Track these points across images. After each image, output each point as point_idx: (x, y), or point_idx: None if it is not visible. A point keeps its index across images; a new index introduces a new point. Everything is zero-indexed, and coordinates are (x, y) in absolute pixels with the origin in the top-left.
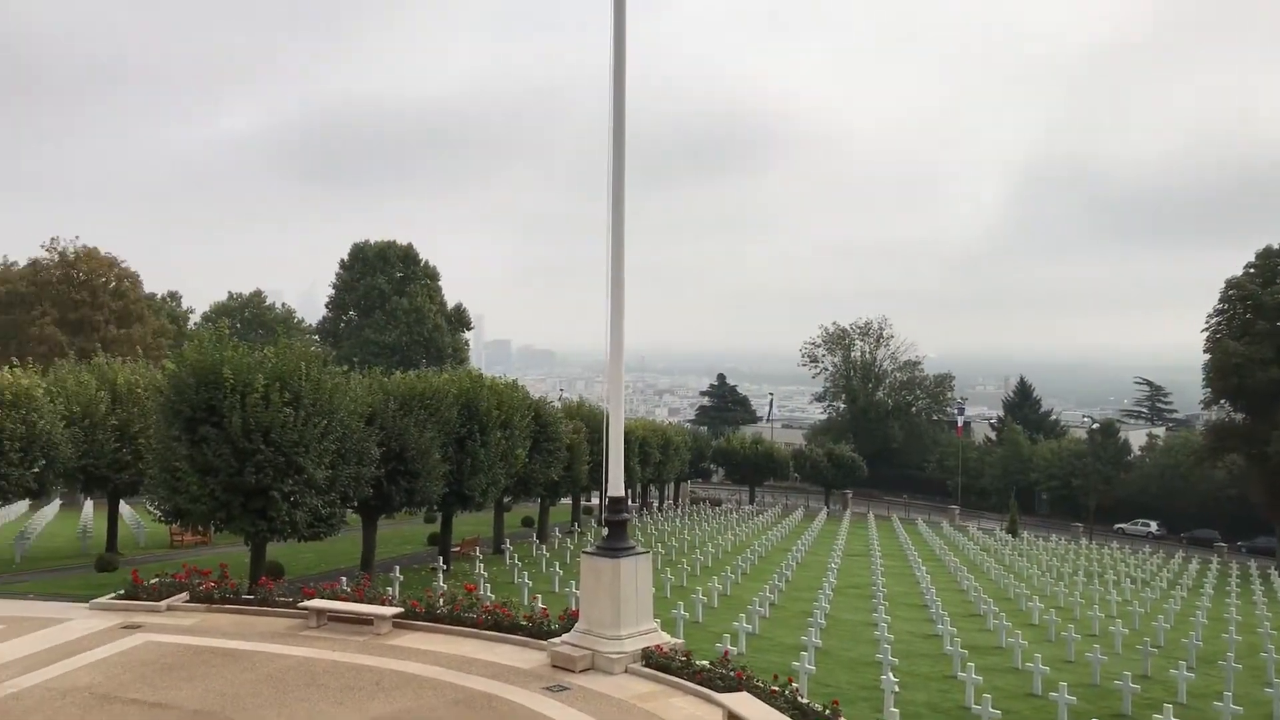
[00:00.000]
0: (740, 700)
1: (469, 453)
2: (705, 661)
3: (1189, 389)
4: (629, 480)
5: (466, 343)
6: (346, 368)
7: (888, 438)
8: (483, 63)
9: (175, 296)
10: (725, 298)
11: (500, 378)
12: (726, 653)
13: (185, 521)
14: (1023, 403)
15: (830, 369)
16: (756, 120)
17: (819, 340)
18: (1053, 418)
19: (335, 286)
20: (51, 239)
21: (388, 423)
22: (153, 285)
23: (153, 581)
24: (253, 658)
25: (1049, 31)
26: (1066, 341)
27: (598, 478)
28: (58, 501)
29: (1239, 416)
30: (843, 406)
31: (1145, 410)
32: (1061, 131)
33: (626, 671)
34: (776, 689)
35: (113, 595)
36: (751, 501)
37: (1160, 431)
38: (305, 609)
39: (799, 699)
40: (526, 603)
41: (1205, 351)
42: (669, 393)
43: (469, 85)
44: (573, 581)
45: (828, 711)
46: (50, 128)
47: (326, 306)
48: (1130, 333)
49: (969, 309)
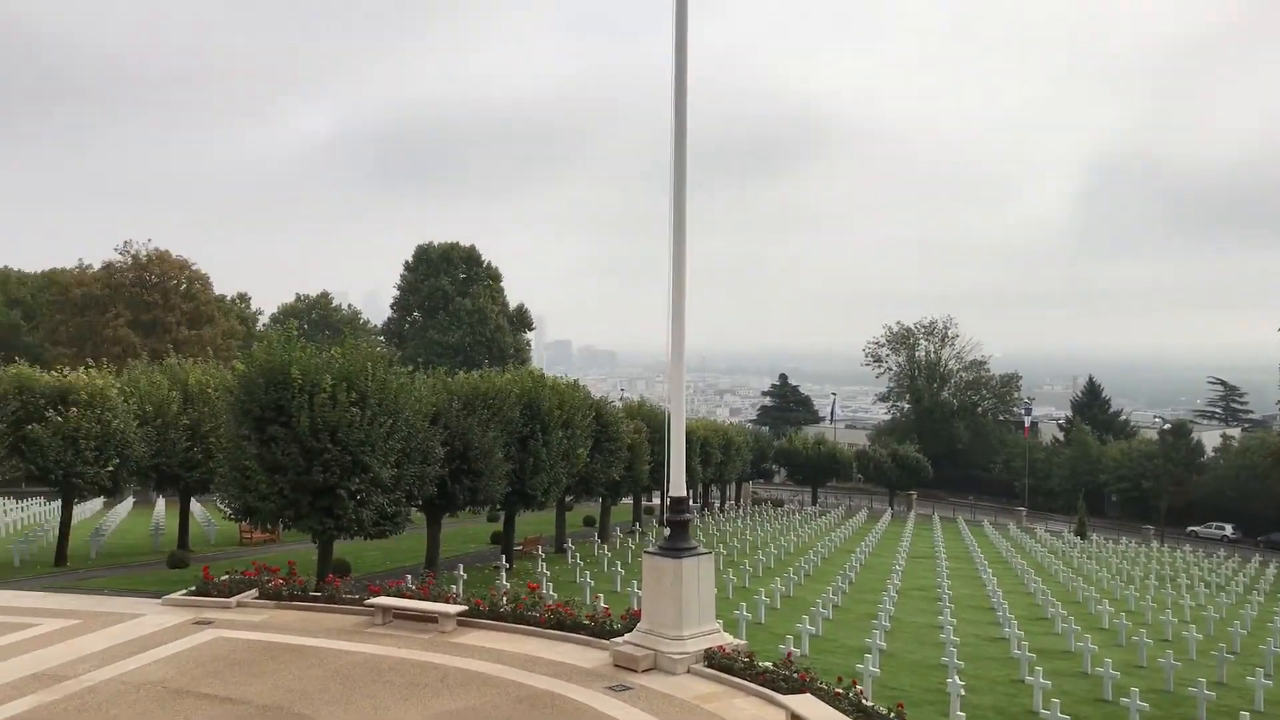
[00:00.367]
0: (804, 702)
1: (531, 452)
2: (768, 663)
3: (1265, 389)
4: (690, 480)
5: (528, 343)
6: (411, 368)
7: (953, 438)
8: (548, 64)
9: (244, 298)
10: (788, 297)
11: (561, 378)
12: (789, 654)
13: (254, 519)
14: (1091, 403)
15: (894, 369)
16: (823, 118)
17: (883, 340)
18: (1122, 418)
19: (400, 288)
20: (125, 242)
21: (451, 422)
22: (222, 287)
23: (223, 578)
24: (320, 654)
25: (1127, 24)
26: (1136, 340)
27: (659, 478)
28: (131, 499)
29: None
30: (907, 407)
31: (1219, 410)
32: (1134, 127)
33: (689, 672)
34: (840, 691)
35: (184, 591)
36: (814, 502)
37: (1235, 432)
38: (371, 606)
39: (863, 701)
40: (588, 602)
41: None
42: (730, 393)
43: (535, 86)
44: (634, 581)
45: (892, 715)
46: (123, 133)
47: (391, 307)
48: (1202, 331)
49: (1036, 308)
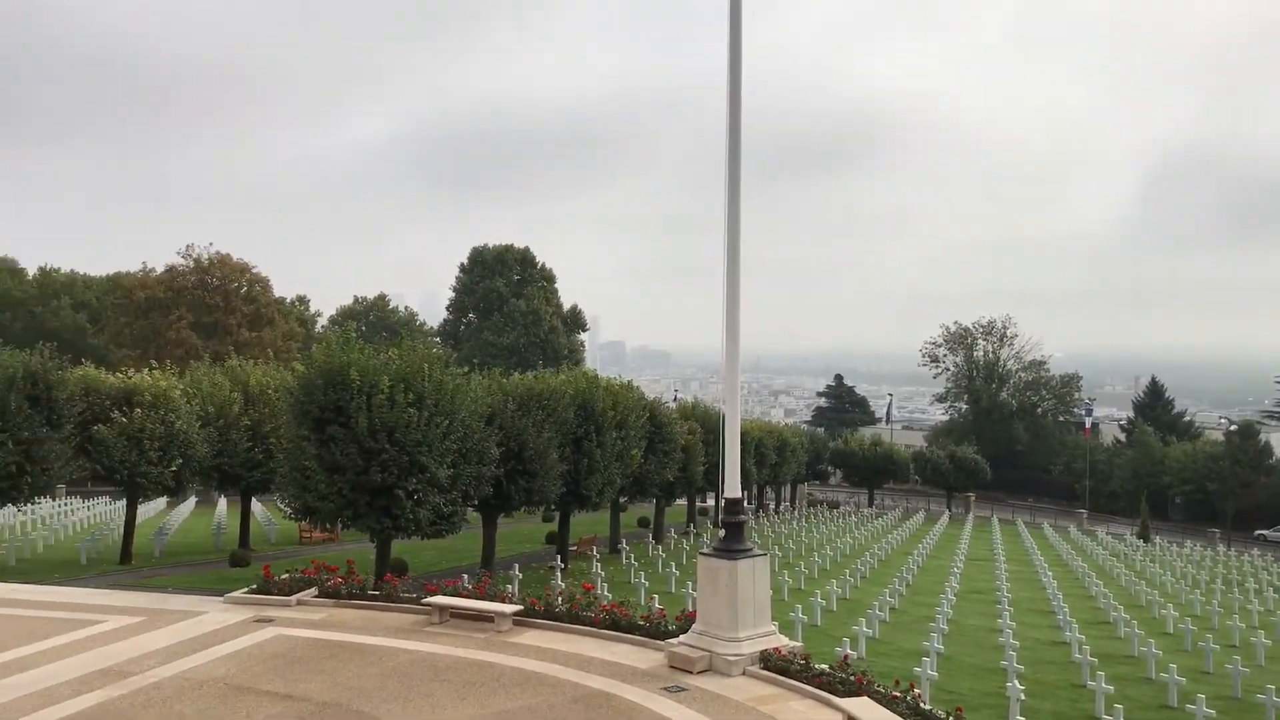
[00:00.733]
0: (861, 705)
1: (585, 453)
2: (824, 665)
3: None
4: (745, 482)
5: (582, 344)
6: (467, 369)
7: (1012, 439)
8: (605, 66)
9: (304, 300)
10: (843, 297)
11: (615, 379)
12: (846, 656)
13: (314, 519)
14: (1154, 403)
15: (952, 369)
16: (878, 118)
17: (940, 340)
18: (1186, 419)
19: (455, 289)
20: (187, 246)
21: (506, 423)
22: (282, 289)
23: (283, 577)
24: (378, 652)
25: (1190, 15)
26: (1200, 340)
27: (713, 479)
28: (193, 499)
29: None
30: (965, 407)
31: None
32: (1198, 121)
33: (744, 674)
34: (898, 695)
35: (245, 590)
36: (870, 504)
37: None
38: (428, 605)
39: (921, 705)
40: (643, 603)
41: None
42: (785, 393)
43: (591, 88)
44: (689, 582)
45: (951, 719)
46: (186, 138)
47: (447, 309)
48: (1269, 330)
49: (1096, 306)
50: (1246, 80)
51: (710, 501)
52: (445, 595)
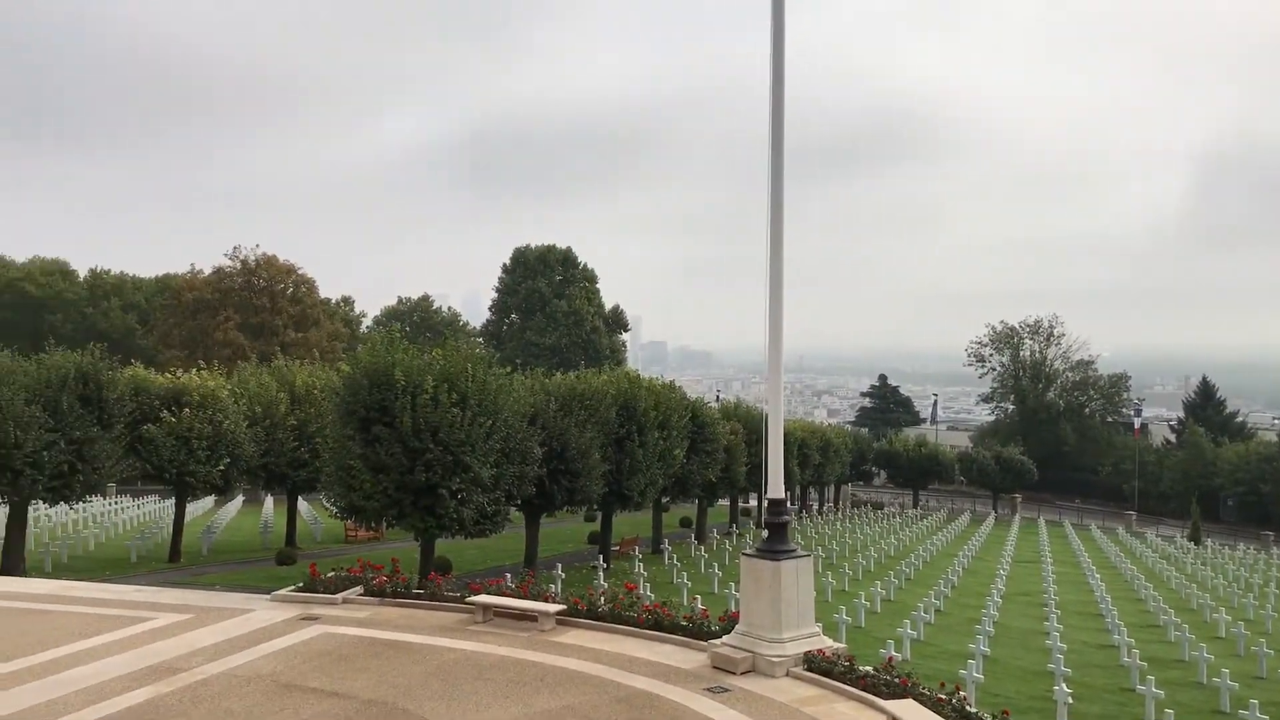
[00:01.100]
0: (906, 707)
1: (627, 453)
2: (869, 667)
3: None
4: (788, 482)
5: (624, 344)
6: (509, 369)
7: (1059, 440)
8: (646, 65)
9: (349, 301)
10: (887, 296)
11: (657, 378)
12: (891, 659)
13: (359, 518)
14: (1205, 403)
15: (998, 369)
16: (920, 116)
17: (986, 339)
18: (1238, 419)
19: (498, 290)
20: (234, 248)
21: (549, 423)
22: (327, 290)
23: (329, 575)
24: (423, 650)
25: (1237, 8)
26: (1252, 338)
27: (756, 479)
28: (241, 497)
29: None
30: (1011, 408)
31: None
32: (1247, 114)
33: (788, 675)
34: (943, 697)
35: (292, 588)
36: (915, 505)
37: None
38: (472, 604)
39: (967, 708)
40: (686, 603)
41: None
42: (828, 393)
43: (632, 88)
44: (732, 583)
45: None
46: (232, 141)
47: (490, 309)
48: None
49: (1145, 305)
50: None
51: (753, 502)
52: (489, 594)
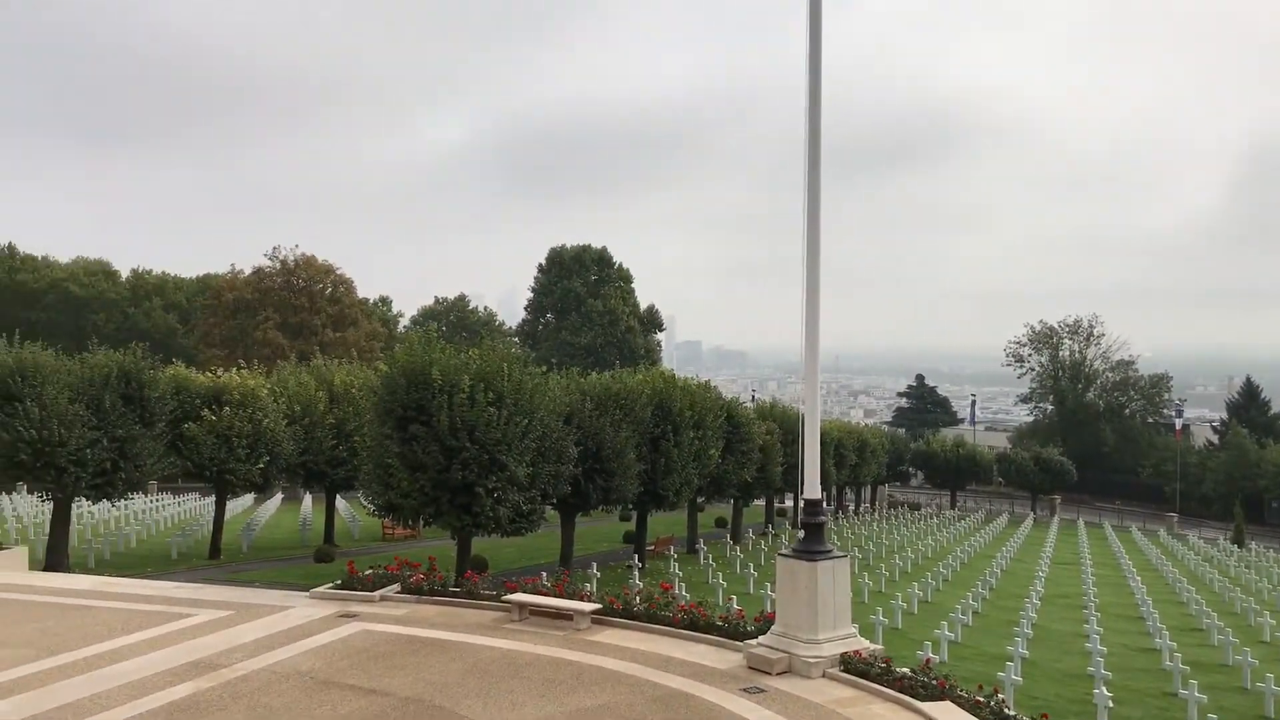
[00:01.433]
0: (943, 710)
1: (663, 452)
2: (906, 669)
3: None
4: (824, 482)
5: (658, 344)
6: (545, 368)
7: (1099, 441)
8: (685, 65)
9: (386, 301)
10: (924, 296)
11: (692, 378)
12: (928, 660)
13: (397, 516)
14: (1249, 404)
15: (1037, 369)
16: (958, 114)
17: (1025, 339)
18: None
19: (533, 290)
20: (273, 248)
21: (584, 422)
22: (365, 290)
23: (367, 573)
24: (459, 648)
25: None
26: None
27: (791, 480)
28: (280, 495)
29: None
30: (1050, 408)
31: None
32: None
33: (824, 676)
34: (981, 699)
35: (330, 585)
36: (953, 506)
37: None
38: (508, 602)
39: (1005, 710)
40: (721, 603)
41: None
42: (864, 394)
43: (666, 88)
44: (767, 583)
45: None
46: (274, 142)
47: (525, 309)
48: None
49: (1187, 304)
50: None
51: (789, 502)
52: (525, 593)
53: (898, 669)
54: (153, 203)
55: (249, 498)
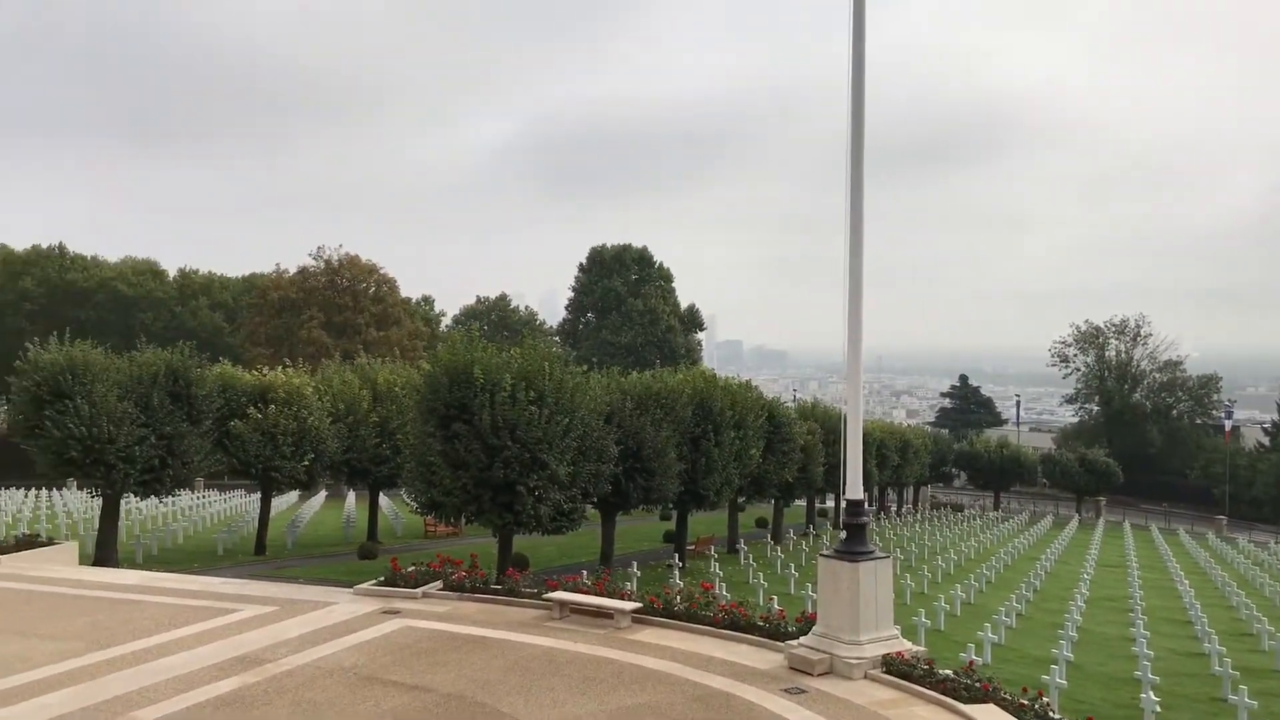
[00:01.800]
0: (987, 712)
1: (703, 452)
2: (949, 671)
3: None
4: (866, 483)
5: (699, 343)
6: (585, 368)
7: (1145, 442)
8: (726, 66)
9: (429, 300)
10: (968, 296)
11: (733, 378)
12: (971, 662)
13: (439, 513)
14: None
15: (1082, 369)
16: (1007, 110)
17: (1070, 339)
18: None
19: (574, 289)
20: (318, 248)
21: (625, 421)
22: (408, 289)
23: (409, 570)
24: (501, 645)
25: None
26: None
27: (833, 480)
28: (324, 493)
29: None
30: (1096, 409)
31: None
32: None
33: (866, 677)
34: (1025, 702)
35: (374, 582)
36: (996, 508)
37: None
38: (549, 600)
39: (1050, 714)
40: (762, 603)
41: None
42: (907, 394)
43: (707, 88)
44: (808, 584)
45: None
46: (318, 143)
47: (566, 308)
48: None
49: (1236, 304)
50: None
51: (830, 503)
52: (565, 591)
53: (940, 671)
54: (198, 203)
55: (293, 495)
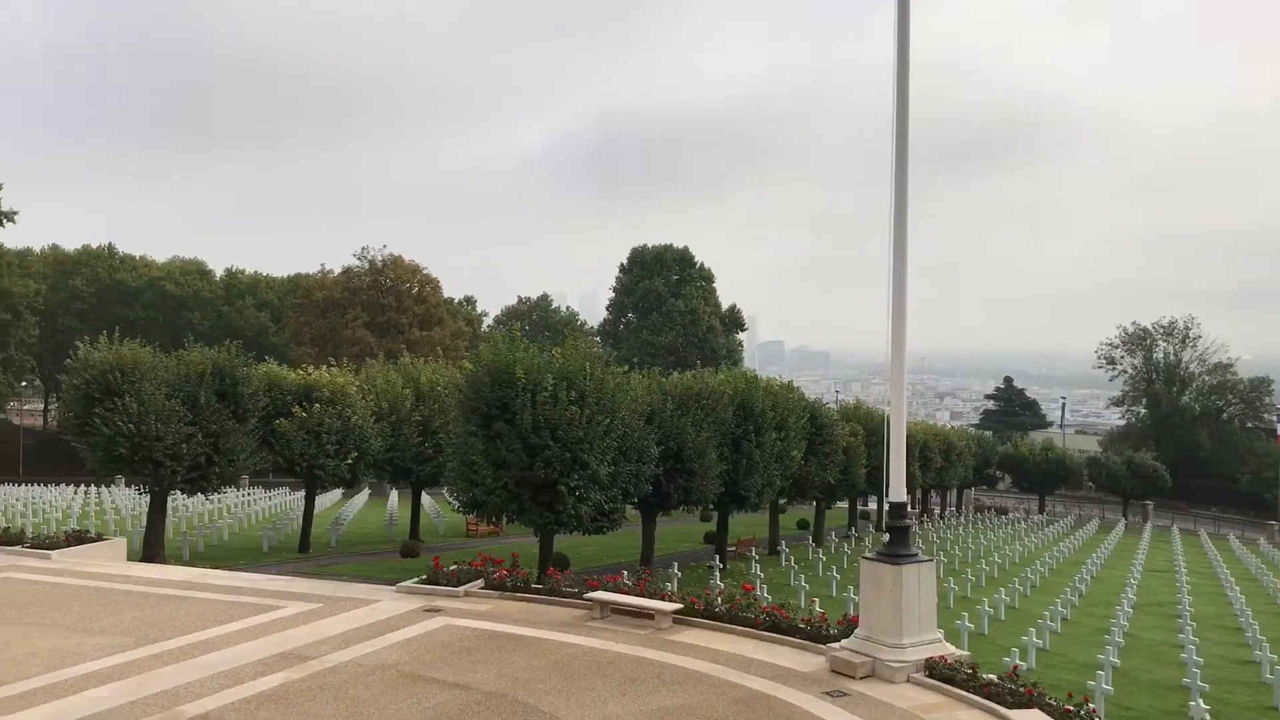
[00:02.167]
0: (1031, 718)
1: (744, 453)
2: (992, 675)
3: None
4: (909, 485)
5: (740, 344)
6: (626, 368)
7: (1194, 446)
8: (769, 66)
9: (471, 301)
10: (1013, 297)
11: (775, 379)
12: (1015, 667)
13: (481, 512)
14: None
15: (1129, 371)
16: (1049, 110)
17: (1117, 341)
18: None
19: (615, 289)
20: (362, 248)
21: (665, 422)
22: (450, 290)
23: (451, 568)
24: (542, 645)
25: None
26: None
27: (875, 482)
28: (367, 491)
29: None
30: (1143, 412)
31: None
32: None
33: (908, 681)
34: (1070, 708)
35: (416, 580)
36: (1041, 511)
37: None
38: (590, 600)
39: None
40: (803, 605)
41: None
42: (950, 395)
43: (747, 87)
44: (850, 587)
45: None
46: (364, 146)
47: (607, 309)
48: None
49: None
50: None
51: (872, 505)
52: (606, 591)
53: (984, 675)
54: (244, 204)
55: (337, 493)
